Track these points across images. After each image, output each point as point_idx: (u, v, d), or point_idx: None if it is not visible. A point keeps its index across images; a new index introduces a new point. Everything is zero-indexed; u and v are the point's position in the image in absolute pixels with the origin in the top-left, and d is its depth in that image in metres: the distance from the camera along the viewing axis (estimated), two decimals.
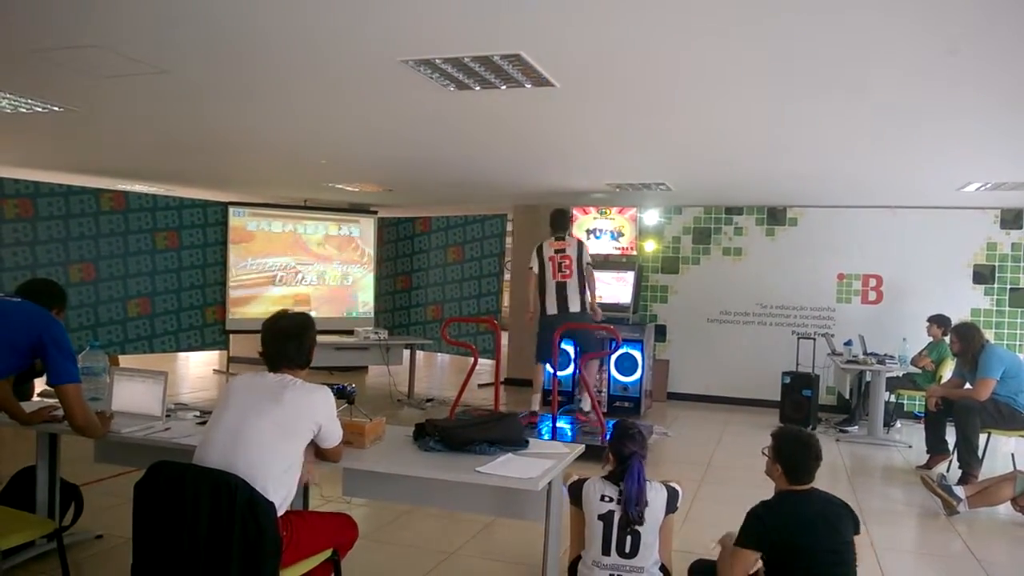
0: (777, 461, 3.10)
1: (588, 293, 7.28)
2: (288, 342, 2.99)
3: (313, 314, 9.74)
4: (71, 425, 3.38)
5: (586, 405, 7.32)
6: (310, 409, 2.88)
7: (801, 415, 8.36)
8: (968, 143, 5.65)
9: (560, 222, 7.47)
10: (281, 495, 2.76)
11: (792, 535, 2.94)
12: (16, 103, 5.40)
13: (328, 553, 3.06)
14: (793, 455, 3.07)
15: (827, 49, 3.64)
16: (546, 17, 3.35)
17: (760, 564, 3.03)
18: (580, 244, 7.31)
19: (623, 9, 3.22)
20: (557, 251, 7.23)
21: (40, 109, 5.55)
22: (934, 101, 4.53)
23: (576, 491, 3.31)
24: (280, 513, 2.73)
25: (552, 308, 7.17)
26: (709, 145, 6.15)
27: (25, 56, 4.21)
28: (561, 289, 7.15)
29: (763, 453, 3.21)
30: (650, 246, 10.15)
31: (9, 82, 4.91)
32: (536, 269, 7.32)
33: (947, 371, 7.68)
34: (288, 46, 3.90)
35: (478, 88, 4.48)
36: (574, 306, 7.10)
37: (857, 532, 3.04)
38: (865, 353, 8.13)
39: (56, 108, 5.51)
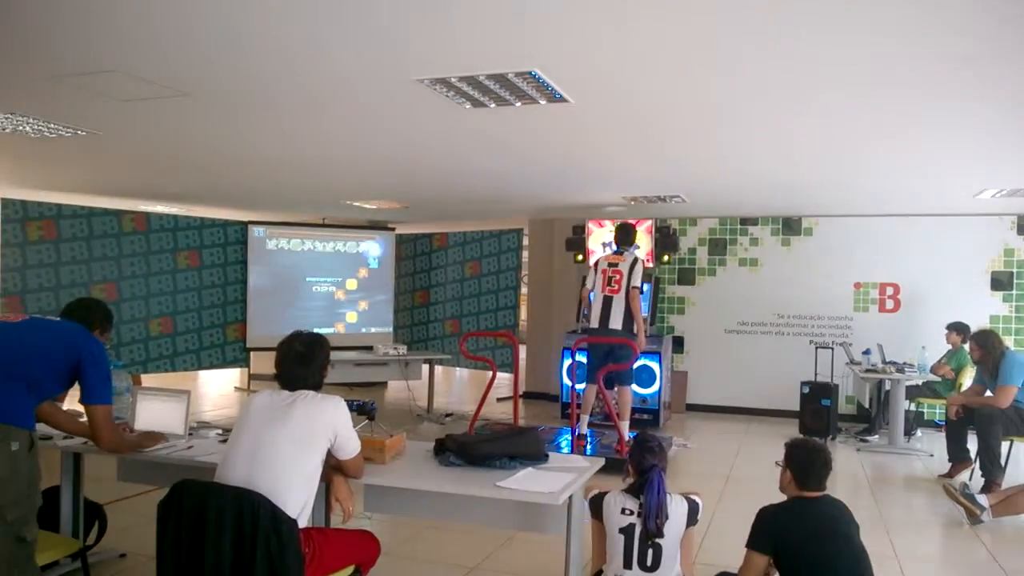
0: (788, 468, 3.17)
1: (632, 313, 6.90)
2: (300, 365, 3.04)
3: (333, 331, 9.88)
4: (98, 444, 3.43)
5: (583, 428, 7.18)
6: (322, 417, 2.92)
7: (820, 425, 8.30)
8: (983, 150, 5.63)
9: (621, 237, 7.24)
10: (300, 505, 2.79)
11: (803, 538, 2.99)
12: (41, 128, 5.49)
13: (350, 570, 3.07)
14: (803, 461, 3.14)
15: (842, 61, 3.66)
16: (559, 34, 3.39)
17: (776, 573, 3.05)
18: (634, 262, 6.98)
19: (635, 25, 3.25)
20: (611, 264, 7.03)
21: (64, 133, 5.64)
22: (949, 109, 4.52)
23: (597, 505, 3.32)
24: (301, 524, 2.76)
25: (595, 322, 7.00)
26: (723, 157, 6.16)
27: (50, 82, 4.29)
28: (607, 303, 6.93)
29: (776, 464, 3.26)
30: (666, 257, 10.15)
31: (35, 107, 5.00)
32: (590, 284, 7.17)
33: (967, 379, 7.64)
34: (305, 67, 3.96)
35: (493, 105, 4.53)
36: (615, 323, 6.87)
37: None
38: (884, 362, 8.10)
39: (80, 132, 5.60)
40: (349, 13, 3.17)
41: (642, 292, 6.96)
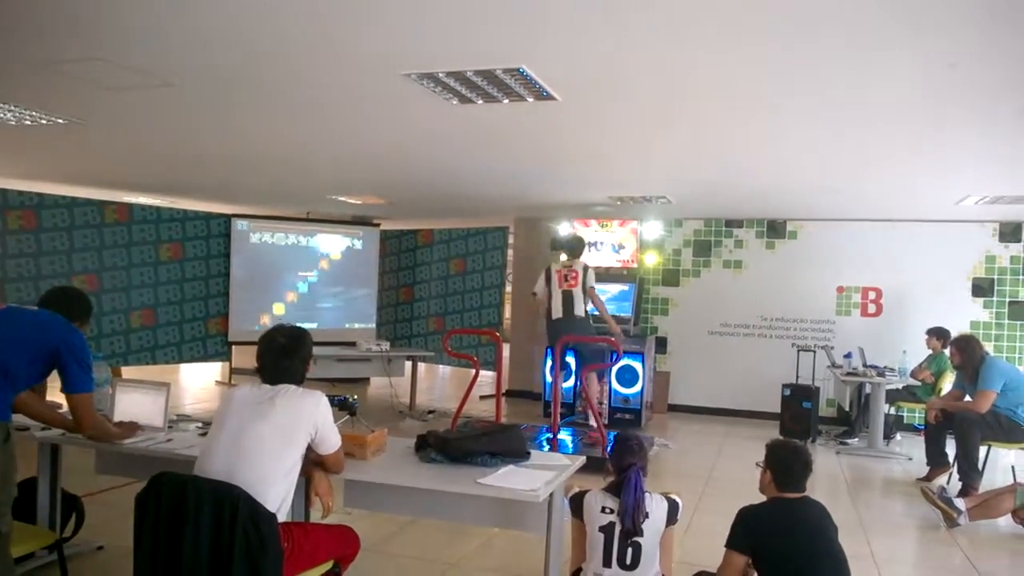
0: (768, 469, 3.18)
1: (598, 311, 7.49)
2: (282, 358, 3.01)
3: (315, 326, 9.83)
4: (81, 432, 3.40)
5: (592, 421, 7.32)
6: (303, 412, 2.90)
7: (801, 427, 8.35)
8: (967, 157, 5.67)
9: (571, 249, 7.67)
10: (279, 499, 2.78)
11: (782, 539, 3.00)
12: (21, 115, 5.43)
13: (329, 565, 3.06)
14: (783, 462, 3.15)
15: (826, 66, 3.67)
16: (548, 32, 3.39)
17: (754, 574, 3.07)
18: (587, 267, 7.49)
19: (624, 25, 3.26)
20: (564, 266, 7.48)
21: (45, 121, 5.59)
22: (933, 116, 4.56)
23: (577, 503, 3.32)
24: (280, 518, 2.75)
25: (557, 312, 7.36)
26: (710, 159, 6.18)
27: (30, 68, 4.25)
28: (568, 296, 7.34)
29: (757, 465, 3.26)
30: (651, 259, 10.18)
31: (14, 94, 4.95)
32: (540, 294, 7.56)
33: (947, 383, 7.70)
34: (292, 60, 3.94)
35: (480, 102, 4.52)
36: (579, 310, 7.29)
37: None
38: (865, 365, 8.14)
39: (61, 120, 5.55)
40: (337, 6, 3.16)
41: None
